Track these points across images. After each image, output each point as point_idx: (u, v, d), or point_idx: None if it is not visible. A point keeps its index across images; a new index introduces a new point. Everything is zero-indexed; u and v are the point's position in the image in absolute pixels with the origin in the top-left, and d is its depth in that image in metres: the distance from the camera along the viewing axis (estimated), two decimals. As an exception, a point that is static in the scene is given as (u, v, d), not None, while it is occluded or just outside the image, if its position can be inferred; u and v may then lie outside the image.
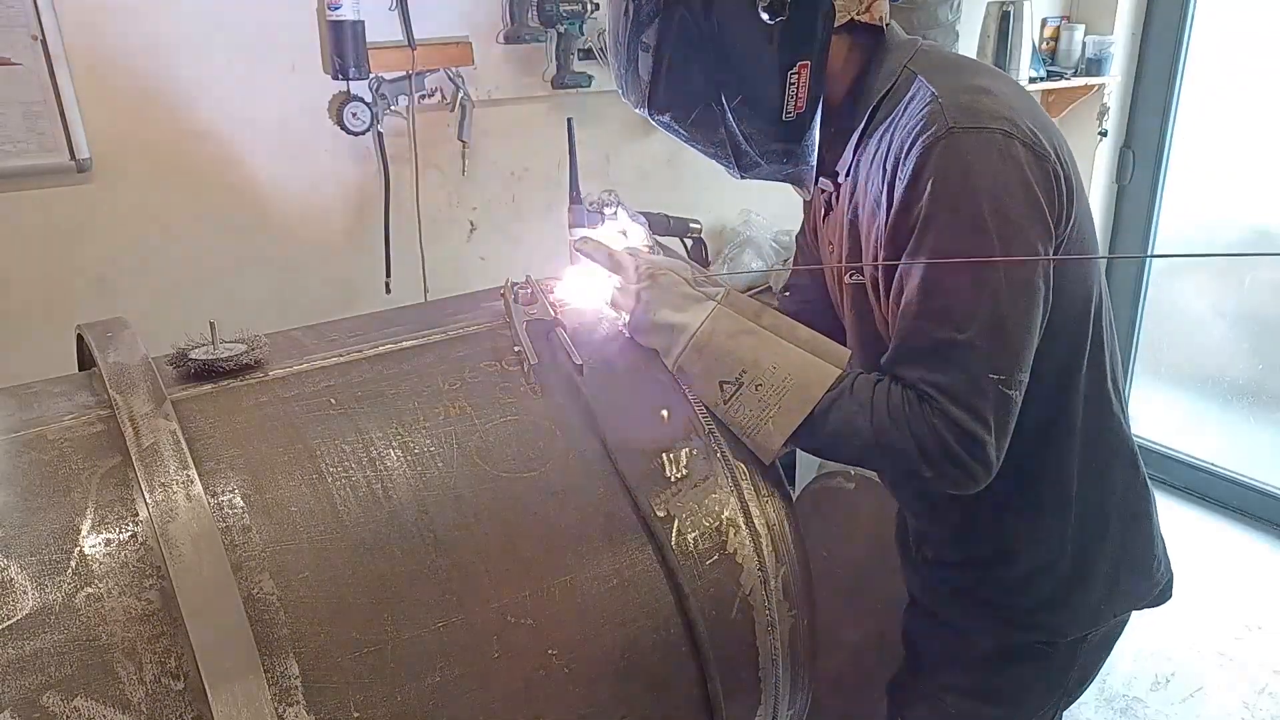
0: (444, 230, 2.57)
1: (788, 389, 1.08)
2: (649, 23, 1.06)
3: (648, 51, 1.08)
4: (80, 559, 0.84)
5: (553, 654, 0.98)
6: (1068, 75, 3.31)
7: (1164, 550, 1.32)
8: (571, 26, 2.47)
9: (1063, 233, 1.06)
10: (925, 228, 1.01)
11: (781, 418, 1.08)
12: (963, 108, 1.01)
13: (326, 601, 0.90)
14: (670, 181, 2.85)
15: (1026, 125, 1.02)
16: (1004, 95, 1.05)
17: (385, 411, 1.03)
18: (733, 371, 1.09)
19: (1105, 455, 1.22)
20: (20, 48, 1.93)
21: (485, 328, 1.18)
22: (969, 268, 0.99)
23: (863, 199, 1.13)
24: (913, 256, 1.03)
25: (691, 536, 1.06)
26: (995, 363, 1.01)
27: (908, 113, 1.06)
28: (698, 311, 1.11)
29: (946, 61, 1.13)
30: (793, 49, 1.06)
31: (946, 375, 1.02)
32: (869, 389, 1.07)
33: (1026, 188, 1.01)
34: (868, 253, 1.13)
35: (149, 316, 1.24)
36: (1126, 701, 2.56)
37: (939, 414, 1.02)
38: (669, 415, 1.13)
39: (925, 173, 1.00)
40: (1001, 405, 1.03)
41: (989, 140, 1.00)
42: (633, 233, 1.36)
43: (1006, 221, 0.99)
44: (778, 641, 1.10)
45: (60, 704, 0.79)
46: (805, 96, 1.08)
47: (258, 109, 2.23)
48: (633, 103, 1.15)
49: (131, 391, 0.96)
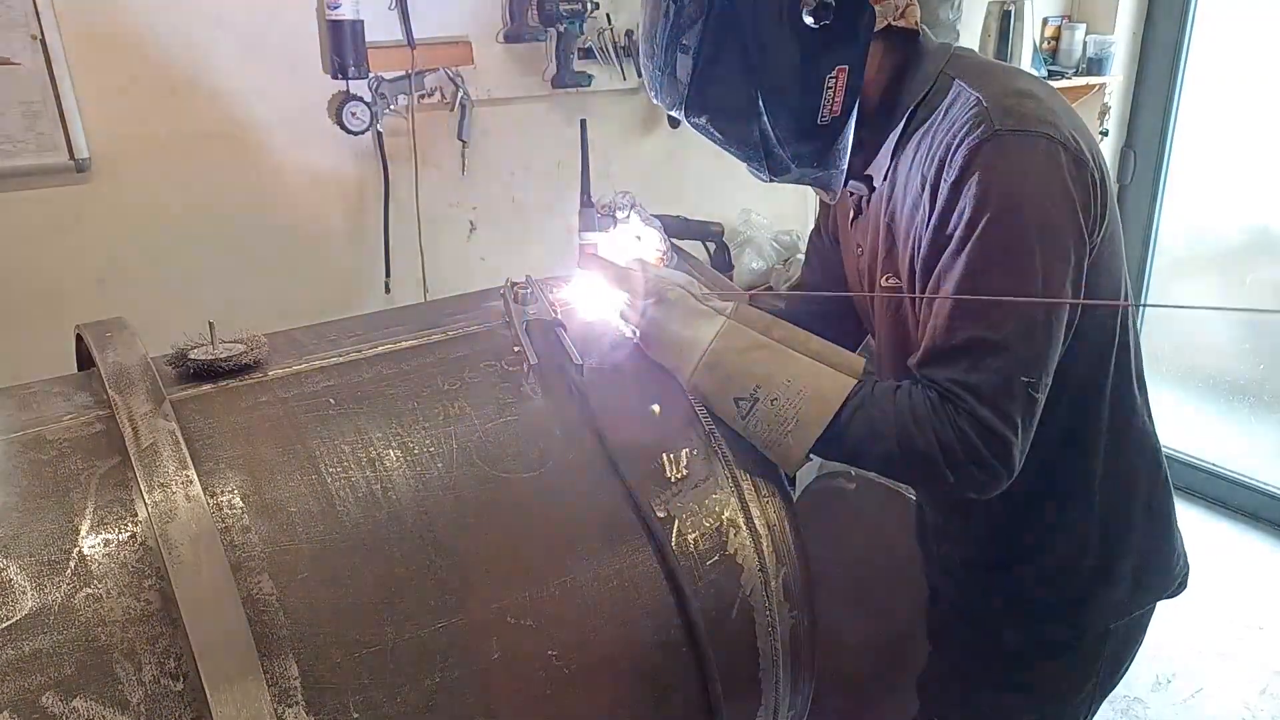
0: (444, 230, 2.56)
1: (804, 402, 1.07)
2: (690, 25, 1.05)
3: (687, 53, 1.06)
4: (79, 559, 0.84)
5: (553, 655, 0.97)
6: (1069, 75, 3.31)
7: (1182, 543, 1.34)
8: (571, 26, 2.47)
9: (1096, 240, 1.07)
10: (969, 228, 1.01)
11: (800, 431, 1.08)
12: (1008, 110, 1.02)
13: (326, 602, 0.89)
14: (670, 181, 2.85)
15: (1069, 130, 1.04)
16: (1046, 100, 1.06)
17: (385, 411, 1.03)
18: (747, 388, 1.09)
19: (1130, 454, 1.23)
20: (20, 48, 1.93)
21: (485, 328, 1.18)
22: (1008, 268, 1.00)
23: (901, 202, 1.14)
24: (954, 256, 1.03)
25: (692, 537, 1.06)
26: (1026, 365, 1.02)
27: (949, 116, 1.07)
28: (708, 328, 1.11)
29: (983, 66, 1.14)
30: (833, 53, 1.06)
31: (978, 376, 1.02)
32: (889, 395, 1.07)
33: (1066, 193, 1.02)
34: (904, 254, 1.14)
35: (148, 316, 1.23)
36: (1127, 702, 2.56)
37: (966, 415, 1.02)
38: (669, 415, 1.12)
39: (971, 173, 1.01)
40: (1028, 407, 1.04)
41: (1033, 143, 1.01)
42: (646, 237, 1.33)
43: (1047, 225, 1.01)
44: (778, 642, 1.09)
45: (59, 704, 0.79)
46: (841, 100, 1.08)
47: (257, 108, 2.23)
48: (667, 104, 1.13)
49: (130, 392, 0.96)
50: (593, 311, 1.22)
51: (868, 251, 1.24)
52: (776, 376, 1.08)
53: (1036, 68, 3.21)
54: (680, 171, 2.85)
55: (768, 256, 2.83)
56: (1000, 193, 1.00)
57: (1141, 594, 1.28)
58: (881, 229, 1.18)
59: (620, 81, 2.66)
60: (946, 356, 1.04)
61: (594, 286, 1.22)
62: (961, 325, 1.03)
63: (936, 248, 1.05)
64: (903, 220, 1.13)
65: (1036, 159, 1.01)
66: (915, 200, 1.10)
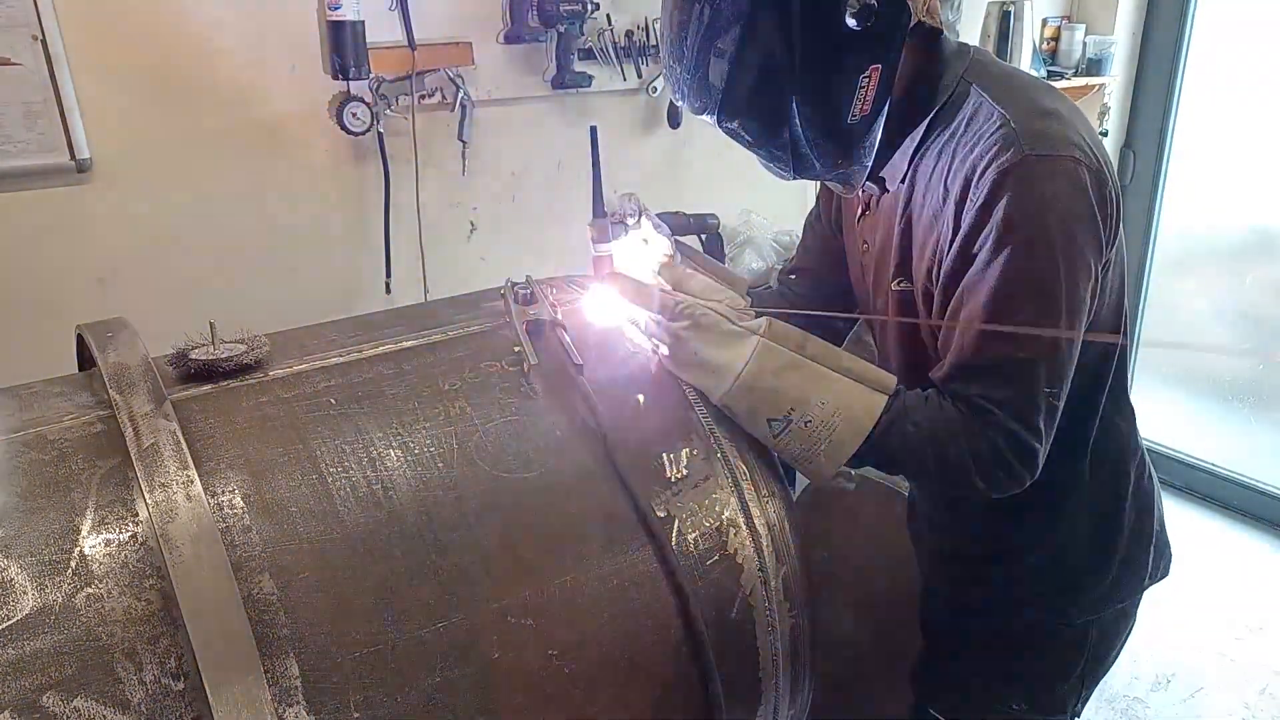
0: (444, 230, 2.56)
1: (838, 423, 1.09)
2: (727, 29, 1.03)
3: (722, 58, 1.05)
4: (80, 559, 0.84)
5: (553, 654, 0.97)
6: (1068, 75, 3.31)
7: (1164, 531, 1.37)
8: (571, 26, 2.47)
9: (1109, 252, 1.09)
10: (996, 251, 1.03)
11: (833, 450, 1.10)
12: (1037, 135, 1.03)
13: (326, 601, 0.89)
14: (670, 181, 2.85)
15: (1091, 149, 1.05)
16: (1069, 117, 1.07)
17: (385, 411, 1.03)
18: (780, 410, 1.09)
19: (1122, 451, 1.27)
20: (20, 48, 1.93)
21: (485, 328, 1.18)
22: (1035, 289, 1.03)
23: (918, 210, 1.14)
24: (980, 276, 1.05)
25: (692, 537, 1.06)
26: (1050, 378, 1.06)
27: (972, 129, 1.08)
28: (741, 349, 1.10)
29: (1003, 75, 1.14)
30: (870, 53, 1.05)
31: (1006, 391, 1.06)
32: (921, 409, 1.10)
33: (1090, 213, 1.04)
34: (920, 264, 1.15)
35: (149, 316, 1.23)
36: (1127, 702, 2.56)
37: (995, 428, 1.06)
38: (669, 415, 1.12)
39: (999, 197, 1.02)
40: (1050, 416, 1.08)
41: (1061, 168, 1.02)
42: (655, 242, 1.32)
43: (1071, 246, 1.03)
44: (778, 642, 1.10)
45: (60, 704, 0.79)
46: (872, 99, 1.08)
47: (257, 108, 2.23)
48: (696, 109, 1.11)
49: (131, 391, 0.96)
50: (611, 323, 1.21)
51: (876, 249, 1.25)
52: (811, 397, 1.09)
53: (1036, 68, 3.21)
54: (680, 171, 2.85)
55: (767, 256, 2.83)
56: (1028, 218, 1.02)
57: (1127, 584, 1.31)
58: (896, 233, 1.19)
59: (620, 82, 2.66)
60: (975, 372, 1.07)
61: (613, 300, 1.20)
62: (990, 344, 1.05)
63: (961, 265, 1.07)
64: (920, 229, 1.14)
65: (1064, 183, 1.02)
66: (935, 211, 1.11)
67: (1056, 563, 1.27)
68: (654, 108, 2.77)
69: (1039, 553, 1.28)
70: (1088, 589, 1.29)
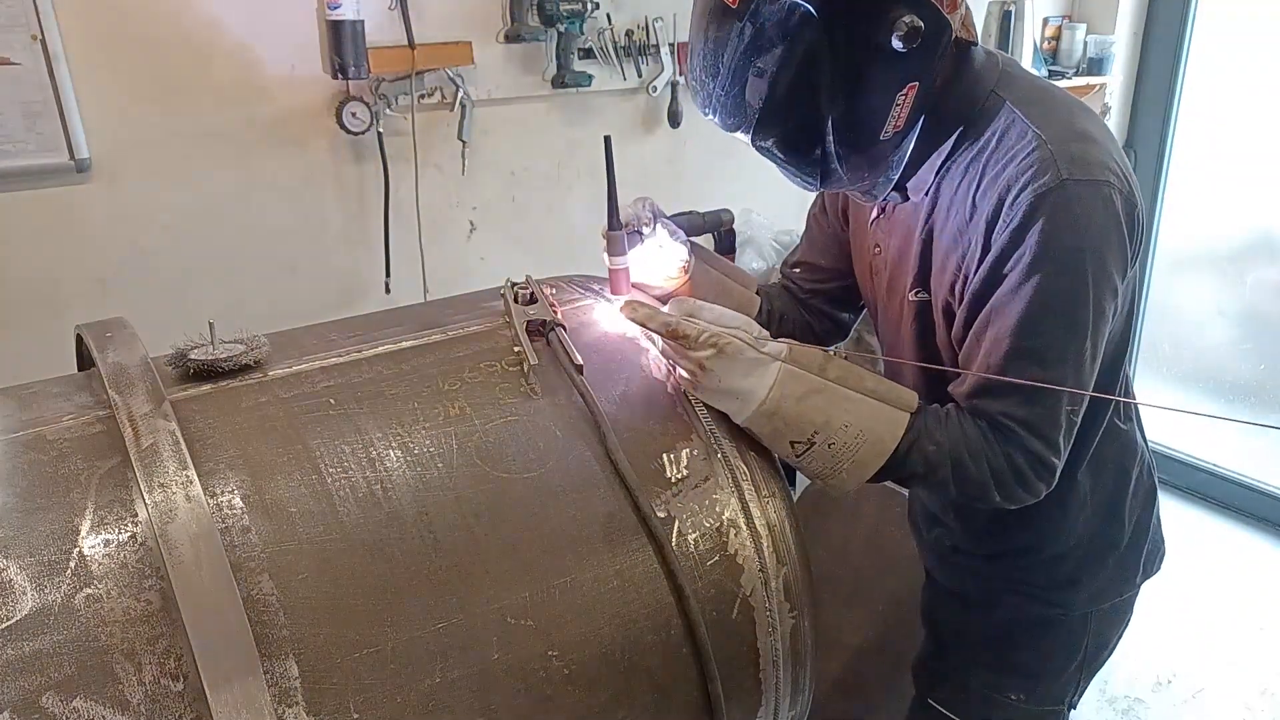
0: (444, 230, 2.57)
1: (860, 444, 1.10)
2: (768, 49, 1.01)
3: (761, 77, 1.03)
4: (79, 560, 0.84)
5: (553, 655, 0.97)
6: (1069, 75, 3.31)
7: (1160, 527, 1.40)
8: (572, 26, 2.47)
9: (1133, 270, 1.10)
10: (1028, 274, 1.03)
11: (855, 469, 1.11)
12: (1074, 159, 1.03)
13: (326, 602, 0.89)
14: (671, 181, 2.85)
15: (1123, 173, 1.06)
16: (1103, 141, 1.08)
17: (385, 411, 1.03)
18: (804, 434, 1.10)
19: (1125, 453, 1.29)
20: (20, 48, 1.93)
21: (485, 328, 1.18)
22: (1064, 312, 1.04)
23: (941, 223, 1.14)
24: (1009, 296, 1.05)
25: (692, 537, 1.06)
26: (1072, 397, 1.07)
27: (1004, 147, 1.08)
28: (764, 376, 1.09)
29: (1035, 90, 1.14)
30: (910, 72, 1.05)
31: (1029, 411, 1.08)
32: (941, 426, 1.11)
33: (1121, 236, 1.05)
34: (941, 278, 1.15)
35: (148, 316, 1.24)
36: (1128, 702, 2.56)
37: (1017, 446, 1.09)
38: (670, 416, 1.12)
39: (1035, 221, 1.02)
40: (1069, 432, 1.11)
41: (1096, 193, 1.03)
42: (671, 251, 1.30)
43: (1103, 272, 1.05)
44: (778, 642, 1.09)
45: (59, 705, 0.78)
46: (907, 115, 1.07)
47: (257, 108, 2.23)
48: (729, 126, 1.10)
49: (130, 392, 0.96)
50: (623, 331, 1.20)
51: (890, 255, 1.25)
52: (834, 421, 1.09)
53: (1037, 67, 3.21)
54: (680, 171, 2.85)
55: (767, 256, 2.83)
56: (1063, 244, 1.02)
57: (1125, 578, 1.34)
58: (915, 242, 1.18)
59: (620, 81, 2.66)
60: (998, 390, 1.08)
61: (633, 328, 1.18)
62: (1015, 363, 1.06)
63: (991, 285, 1.07)
64: (943, 242, 1.14)
65: (1099, 208, 1.03)
66: (960, 227, 1.11)
67: (1058, 559, 1.29)
68: (654, 107, 2.77)
69: (1041, 550, 1.29)
70: (1087, 583, 1.31)
